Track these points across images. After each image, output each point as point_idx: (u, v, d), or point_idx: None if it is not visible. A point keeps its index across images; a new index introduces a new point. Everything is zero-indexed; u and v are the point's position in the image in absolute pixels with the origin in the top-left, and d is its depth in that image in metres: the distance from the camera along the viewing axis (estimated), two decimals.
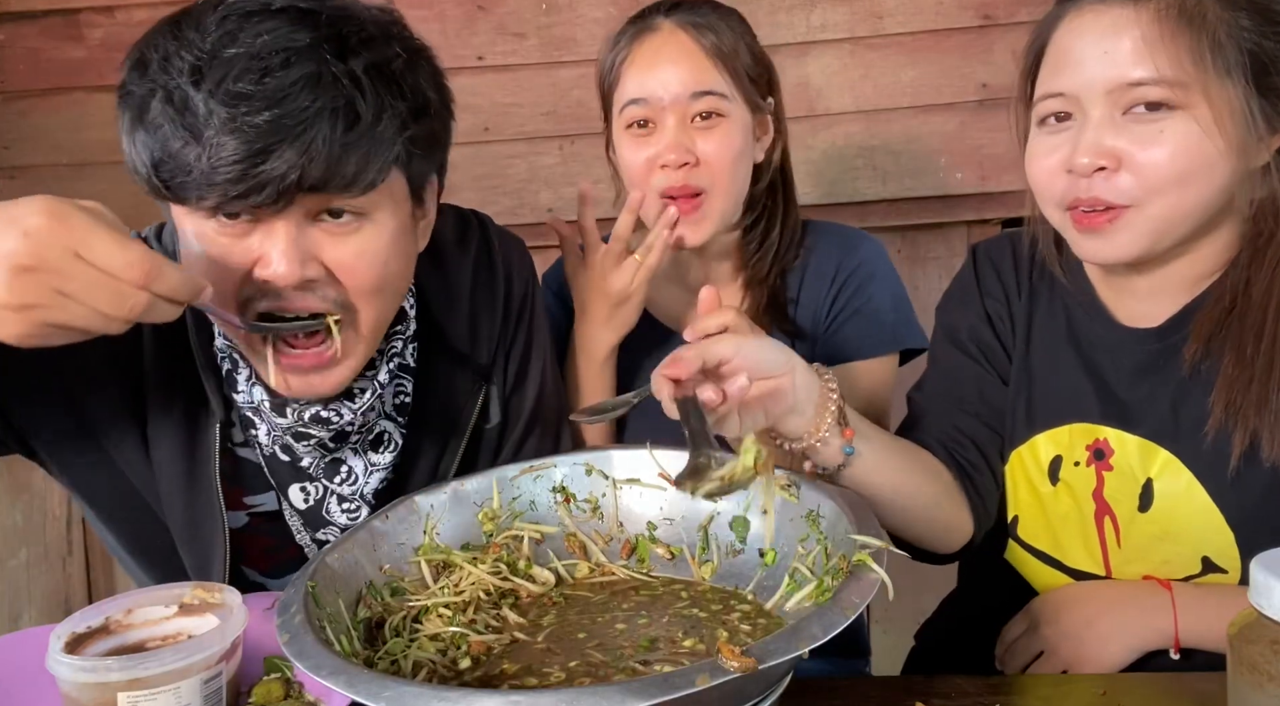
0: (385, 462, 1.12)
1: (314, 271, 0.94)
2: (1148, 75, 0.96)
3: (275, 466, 1.11)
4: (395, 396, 1.13)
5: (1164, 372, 1.08)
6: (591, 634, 0.91)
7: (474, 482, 1.06)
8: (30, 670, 0.90)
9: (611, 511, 1.07)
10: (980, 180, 2.06)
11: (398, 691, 0.69)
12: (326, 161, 0.88)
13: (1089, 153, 0.99)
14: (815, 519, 0.94)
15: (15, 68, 2.13)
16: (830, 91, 2.07)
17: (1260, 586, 0.70)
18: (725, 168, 1.29)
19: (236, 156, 0.85)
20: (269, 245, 0.92)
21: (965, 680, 0.94)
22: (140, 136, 0.90)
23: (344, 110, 0.88)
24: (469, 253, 1.20)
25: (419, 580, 0.98)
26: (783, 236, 1.39)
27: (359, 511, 1.12)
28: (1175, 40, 0.96)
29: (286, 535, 1.14)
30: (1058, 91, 1.02)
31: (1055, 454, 1.15)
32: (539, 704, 0.66)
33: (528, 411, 1.22)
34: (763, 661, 0.68)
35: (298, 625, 0.80)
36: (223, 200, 0.88)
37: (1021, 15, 2.01)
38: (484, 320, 1.19)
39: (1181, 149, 0.96)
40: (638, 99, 1.29)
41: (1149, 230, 1.00)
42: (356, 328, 0.99)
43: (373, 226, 0.96)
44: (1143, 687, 0.94)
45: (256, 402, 1.04)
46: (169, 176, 0.89)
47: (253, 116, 0.85)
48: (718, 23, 1.31)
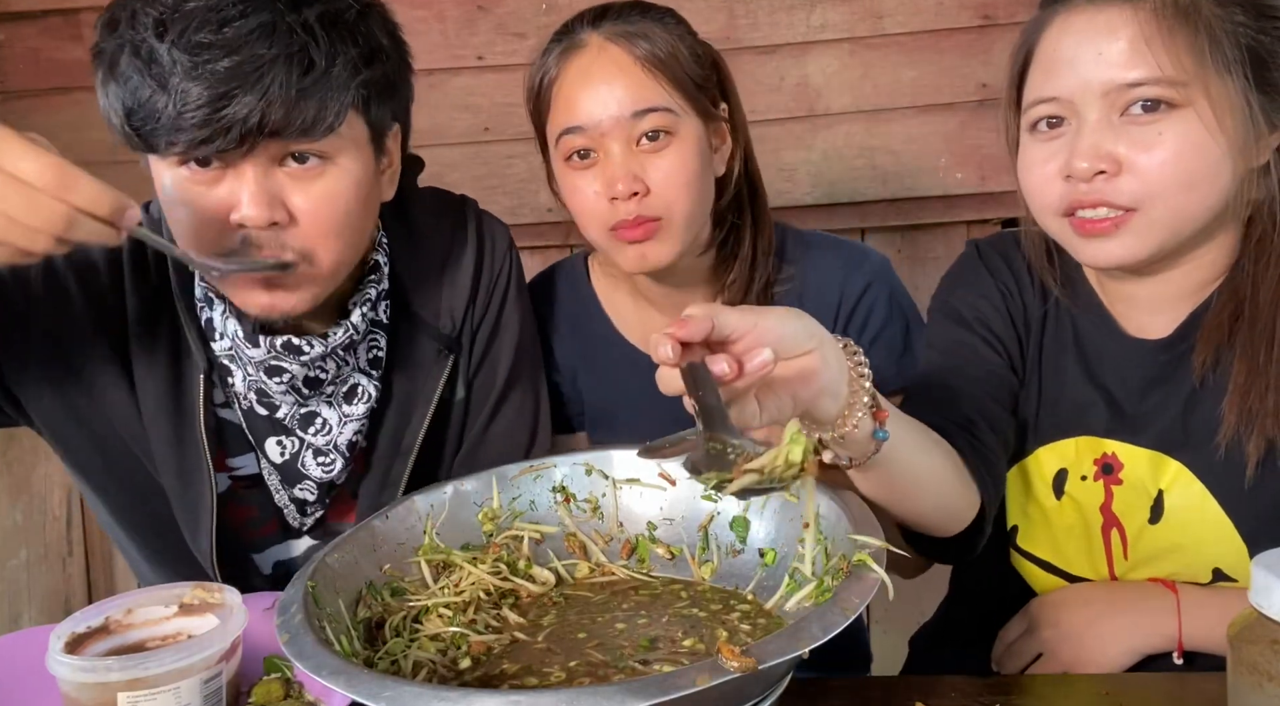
0: (359, 414, 1.15)
1: (281, 215, 0.99)
2: (1146, 75, 0.94)
3: (253, 422, 1.14)
4: (369, 351, 1.16)
5: (1172, 383, 1.07)
6: (591, 634, 0.91)
7: (474, 482, 1.06)
8: (30, 670, 0.90)
9: (611, 511, 1.07)
10: (980, 180, 2.06)
11: (398, 691, 0.69)
12: (284, 105, 0.94)
13: (1087, 157, 0.96)
14: (815, 519, 0.94)
15: (15, 68, 2.13)
16: (830, 91, 2.07)
17: (1260, 586, 0.70)
18: (680, 192, 1.16)
19: (200, 101, 0.92)
20: (239, 189, 0.98)
21: (965, 680, 0.94)
22: (112, 89, 0.96)
23: (298, 57, 0.95)
24: (445, 225, 1.23)
25: (419, 580, 0.98)
26: (756, 249, 1.27)
27: (334, 464, 1.15)
28: (1173, 37, 0.94)
29: (267, 503, 1.18)
30: (1050, 96, 1.00)
31: (1060, 467, 1.13)
32: (539, 704, 0.66)
33: (495, 394, 1.23)
34: (763, 661, 0.68)
35: (298, 625, 0.80)
36: (190, 145, 0.94)
37: (1021, 15, 2.00)
38: (452, 292, 1.20)
39: (1184, 149, 0.95)
40: (574, 127, 1.16)
41: (1154, 234, 0.98)
42: (316, 269, 1.04)
43: (336, 170, 1.01)
44: (1143, 688, 0.94)
45: (232, 336, 1.08)
46: (140, 124, 0.95)
47: (214, 63, 0.92)
48: (650, 27, 1.17)
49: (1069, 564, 1.13)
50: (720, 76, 1.25)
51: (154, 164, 1.01)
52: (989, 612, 1.20)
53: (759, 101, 2.05)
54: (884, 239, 2.13)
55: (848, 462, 0.90)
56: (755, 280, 1.26)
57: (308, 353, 1.07)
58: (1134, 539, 1.08)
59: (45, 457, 2.30)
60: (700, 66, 1.19)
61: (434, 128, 2.07)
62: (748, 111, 1.94)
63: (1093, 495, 1.10)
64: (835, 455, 0.90)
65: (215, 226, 0.99)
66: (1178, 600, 1.05)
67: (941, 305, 1.21)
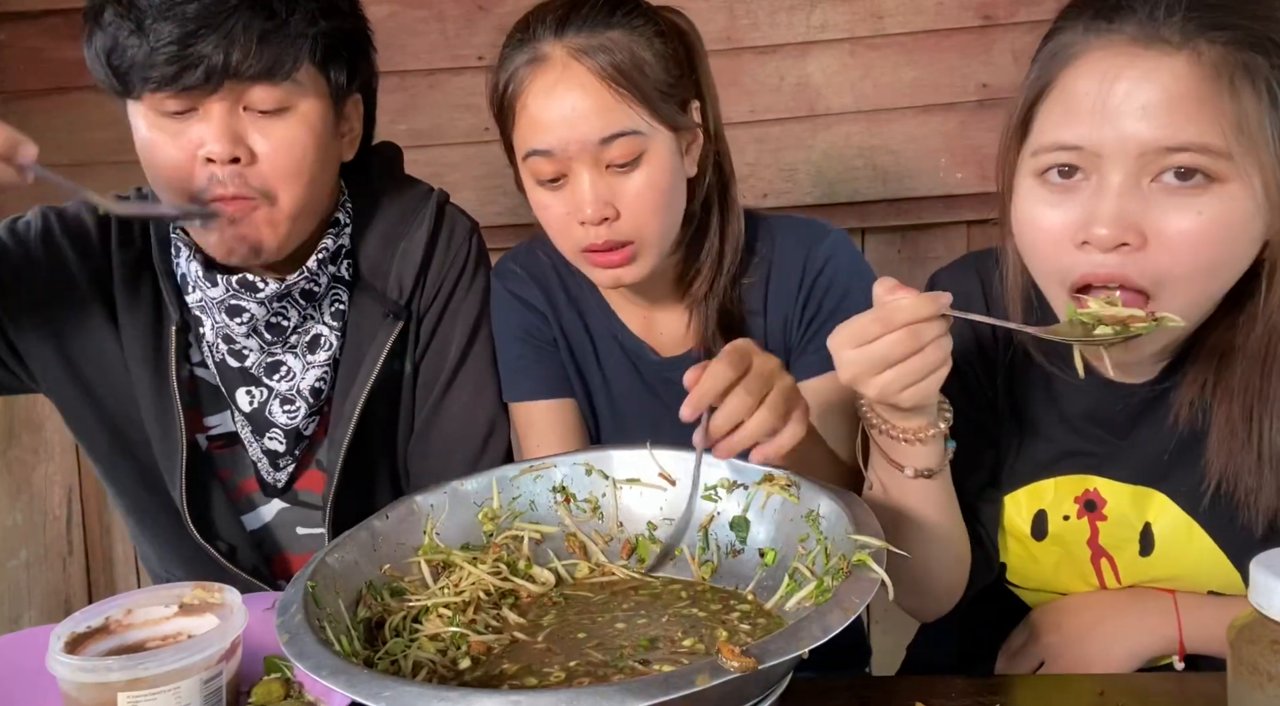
0: (321, 361, 1.24)
1: (243, 152, 1.10)
2: (1193, 140, 0.80)
3: (226, 373, 1.24)
4: (332, 304, 1.25)
5: (1153, 419, 1.01)
6: (591, 634, 0.91)
7: (474, 483, 1.06)
8: (30, 670, 0.90)
9: (611, 511, 1.07)
10: (980, 180, 2.06)
11: (398, 691, 0.69)
12: (245, 48, 1.06)
13: (1111, 224, 0.82)
14: (815, 519, 0.94)
15: (15, 68, 2.13)
16: (830, 91, 2.07)
17: (1260, 586, 0.70)
18: (651, 215, 1.14)
19: (170, 39, 1.04)
20: (206, 131, 1.09)
21: (965, 680, 0.94)
22: (97, 37, 1.09)
23: (260, 5, 1.07)
24: (404, 201, 1.30)
25: (419, 580, 0.98)
26: (723, 246, 1.24)
27: (298, 411, 1.23)
28: (1229, 100, 0.80)
29: (242, 461, 1.27)
30: (1071, 144, 0.85)
31: (1038, 508, 1.07)
32: (539, 704, 0.66)
33: (446, 373, 1.28)
34: (762, 661, 0.68)
35: (298, 625, 0.80)
36: (162, 82, 1.06)
37: (1021, 15, 2.00)
38: (403, 261, 1.26)
39: (1222, 228, 0.82)
40: (540, 150, 1.13)
41: (1165, 332, 0.85)
42: (277, 211, 1.14)
43: (295, 116, 1.13)
44: (1143, 688, 0.94)
45: (194, 279, 1.18)
46: (118, 64, 1.07)
47: (184, 5, 1.05)
48: (614, 36, 1.12)
49: (1066, 589, 1.11)
50: (693, 66, 1.20)
51: (132, 116, 1.12)
52: (988, 620, 1.18)
53: (759, 101, 2.05)
54: (884, 239, 2.13)
55: (928, 474, 0.96)
56: (723, 273, 1.24)
57: (262, 289, 1.16)
58: (1126, 569, 1.06)
59: (45, 458, 2.30)
60: (668, 71, 1.15)
61: (434, 128, 2.07)
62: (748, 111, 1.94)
63: (1077, 532, 1.06)
64: (917, 469, 0.95)
65: (185, 167, 1.10)
66: (1175, 603, 1.05)
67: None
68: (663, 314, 1.29)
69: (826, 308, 1.24)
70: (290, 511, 1.28)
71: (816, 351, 1.23)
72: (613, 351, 1.32)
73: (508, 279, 1.31)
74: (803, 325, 1.25)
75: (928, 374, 0.85)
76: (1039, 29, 0.98)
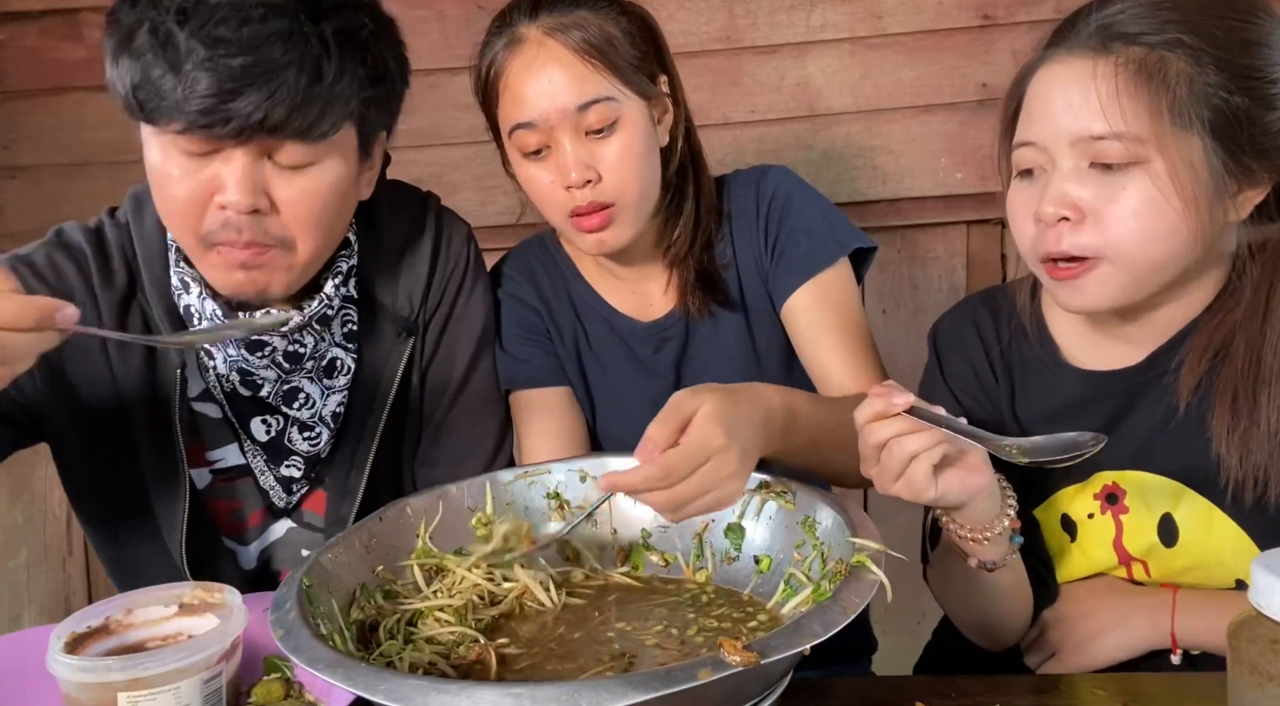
0: (340, 385, 1.20)
1: (264, 203, 1.04)
2: (1109, 129, 0.95)
3: (237, 404, 1.18)
4: (343, 325, 1.20)
5: (1153, 405, 1.06)
6: (589, 635, 0.91)
7: (467, 487, 1.06)
8: (30, 670, 0.90)
9: (606, 518, 1.07)
10: (980, 180, 2.06)
11: (395, 683, 0.69)
12: (288, 108, 0.98)
13: (1053, 202, 0.98)
14: (811, 525, 0.94)
15: (15, 68, 2.12)
16: (830, 91, 2.07)
17: (1260, 586, 0.70)
18: (630, 176, 1.23)
19: (208, 91, 0.96)
20: (226, 173, 1.02)
21: (965, 680, 0.94)
22: (125, 61, 1.00)
23: (310, 65, 0.99)
24: (405, 216, 1.27)
25: (412, 584, 0.98)
26: (699, 210, 1.33)
27: (319, 437, 1.19)
28: (1134, 95, 0.95)
29: (249, 493, 1.22)
30: (1030, 141, 1.01)
31: (1061, 512, 1.12)
32: (540, 696, 0.66)
33: (454, 384, 1.26)
34: (765, 656, 0.68)
35: (292, 620, 0.79)
36: (189, 127, 0.98)
37: (1021, 15, 2.00)
38: (410, 276, 1.24)
39: (1143, 205, 0.95)
40: (524, 123, 1.21)
41: (1120, 283, 0.99)
42: (293, 257, 1.08)
43: (319, 170, 1.06)
44: (1144, 687, 0.94)
45: (210, 316, 1.11)
46: (144, 98, 0.99)
47: (229, 59, 0.96)
48: (584, 16, 1.21)
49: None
50: (656, 48, 1.29)
51: (145, 135, 1.05)
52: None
53: (759, 101, 2.05)
54: (884, 238, 2.12)
55: (991, 567, 1.01)
56: (698, 238, 1.32)
57: (286, 324, 1.11)
58: (1155, 565, 1.08)
59: (45, 458, 2.27)
60: (635, 46, 1.24)
61: (434, 128, 2.07)
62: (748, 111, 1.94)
63: (1102, 531, 1.09)
64: (980, 561, 1.01)
65: (197, 204, 1.03)
66: (1174, 597, 1.06)
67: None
68: (646, 281, 1.36)
69: (785, 226, 1.33)
70: (297, 532, 1.25)
71: (789, 267, 1.31)
72: (604, 335, 1.37)
73: (501, 279, 1.38)
74: (769, 250, 1.33)
75: (902, 472, 0.90)
76: (1039, 29, 1.07)
